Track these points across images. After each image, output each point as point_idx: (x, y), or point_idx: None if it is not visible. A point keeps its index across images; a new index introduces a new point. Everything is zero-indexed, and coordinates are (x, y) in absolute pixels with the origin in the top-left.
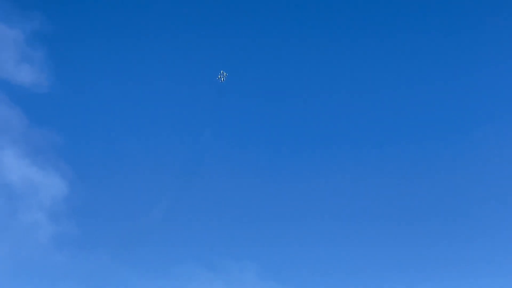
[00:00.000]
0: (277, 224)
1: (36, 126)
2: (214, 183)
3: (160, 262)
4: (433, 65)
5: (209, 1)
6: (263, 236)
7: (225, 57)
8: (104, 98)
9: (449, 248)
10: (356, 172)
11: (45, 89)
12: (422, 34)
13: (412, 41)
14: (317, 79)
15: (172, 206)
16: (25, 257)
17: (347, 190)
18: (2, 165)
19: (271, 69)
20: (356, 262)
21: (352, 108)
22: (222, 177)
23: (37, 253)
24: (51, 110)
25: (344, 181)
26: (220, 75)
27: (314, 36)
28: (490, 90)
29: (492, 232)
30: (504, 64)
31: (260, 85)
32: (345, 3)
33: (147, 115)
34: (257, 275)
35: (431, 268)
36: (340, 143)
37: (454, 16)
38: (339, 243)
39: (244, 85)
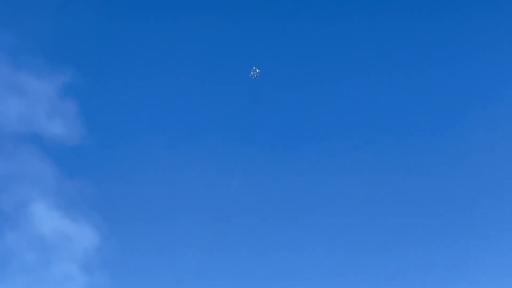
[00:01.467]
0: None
1: (68, 178)
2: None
3: None
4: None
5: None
6: None
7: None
8: (135, 150)
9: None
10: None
11: (76, 142)
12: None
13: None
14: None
15: (206, 256)
16: None
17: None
18: (34, 217)
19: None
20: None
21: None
22: None
23: None
24: (83, 162)
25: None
26: (252, 71)
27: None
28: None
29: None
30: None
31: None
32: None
33: (179, 166)
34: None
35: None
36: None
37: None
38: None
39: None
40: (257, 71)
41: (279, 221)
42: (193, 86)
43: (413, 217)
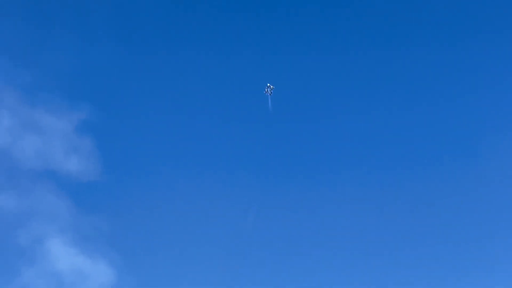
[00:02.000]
0: None
1: (84, 214)
2: None
3: None
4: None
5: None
6: None
7: None
8: (151, 185)
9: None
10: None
11: (92, 177)
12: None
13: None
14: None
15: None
16: None
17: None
18: (50, 254)
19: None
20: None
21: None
22: None
23: None
24: (99, 198)
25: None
26: (266, 88)
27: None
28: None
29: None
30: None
31: None
32: None
33: (194, 202)
34: None
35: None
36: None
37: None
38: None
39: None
40: (271, 87)
41: (296, 255)
42: (208, 121)
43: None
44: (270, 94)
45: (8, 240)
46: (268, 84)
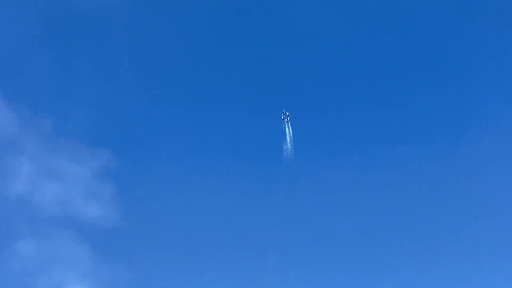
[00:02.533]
0: None
1: (104, 261)
2: None
3: None
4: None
5: None
6: None
7: None
8: (171, 232)
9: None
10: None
11: (112, 224)
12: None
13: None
14: None
15: None
16: None
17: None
18: None
19: None
20: None
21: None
22: None
23: None
24: (119, 244)
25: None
26: (283, 115)
27: None
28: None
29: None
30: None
31: None
32: None
33: (214, 248)
34: None
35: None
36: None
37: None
38: None
39: None
40: (287, 114)
41: None
42: (226, 167)
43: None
44: (287, 121)
45: (28, 287)
46: (284, 111)
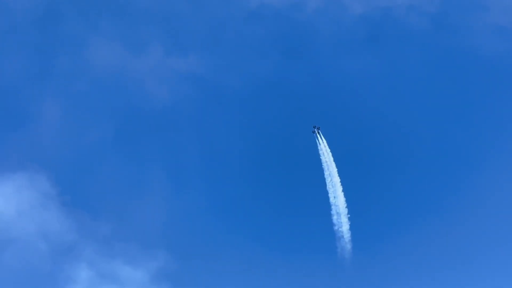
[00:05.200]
0: None
1: None
2: None
3: None
4: None
5: None
6: None
7: None
8: None
9: None
10: None
11: None
12: None
13: None
14: None
15: None
16: None
17: None
18: None
19: None
20: None
21: None
22: None
23: None
24: None
25: None
26: (314, 128)
27: None
28: None
29: None
30: None
31: None
32: None
33: None
34: None
35: None
36: None
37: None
38: None
39: None
40: (318, 127)
41: None
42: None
43: None
44: (318, 134)
45: None
46: (314, 126)
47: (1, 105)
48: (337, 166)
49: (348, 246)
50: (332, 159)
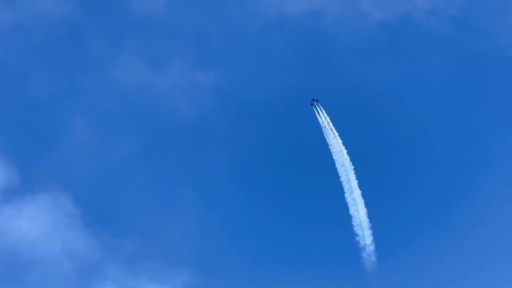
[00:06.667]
0: None
1: None
2: None
3: None
4: None
5: None
6: None
7: None
8: None
9: None
10: None
11: None
12: None
13: None
14: None
15: None
16: None
17: None
18: None
19: None
20: None
21: None
22: None
23: None
24: None
25: None
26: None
27: None
28: None
29: None
30: None
31: None
32: None
33: None
34: None
35: None
36: None
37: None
38: None
39: None
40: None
41: None
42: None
43: None
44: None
45: None
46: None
47: (29, 125)
48: (357, 178)
49: (372, 257)
50: (353, 172)
